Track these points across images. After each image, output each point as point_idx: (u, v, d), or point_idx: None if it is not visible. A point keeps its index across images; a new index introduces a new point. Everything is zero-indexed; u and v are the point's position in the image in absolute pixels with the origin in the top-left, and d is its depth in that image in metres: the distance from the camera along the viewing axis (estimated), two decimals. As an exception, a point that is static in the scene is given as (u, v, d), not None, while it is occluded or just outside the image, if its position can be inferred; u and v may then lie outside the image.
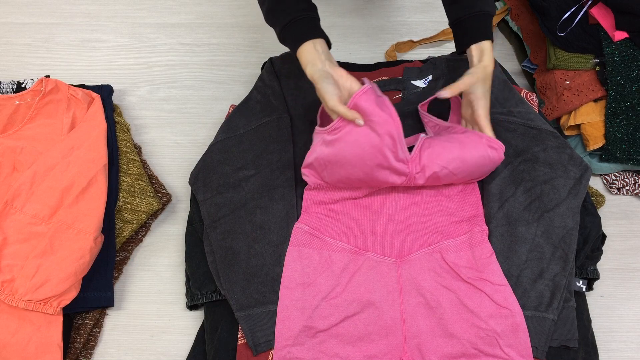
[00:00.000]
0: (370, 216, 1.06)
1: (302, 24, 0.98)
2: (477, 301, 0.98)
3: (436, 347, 0.97)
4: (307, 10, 1.00)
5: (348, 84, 0.96)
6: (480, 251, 1.01)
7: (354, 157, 0.97)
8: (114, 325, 1.13)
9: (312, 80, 0.97)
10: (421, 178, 1.02)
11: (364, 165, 0.97)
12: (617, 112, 1.18)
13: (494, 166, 1.04)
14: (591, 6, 1.24)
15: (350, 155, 0.97)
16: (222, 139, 1.15)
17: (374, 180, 1.01)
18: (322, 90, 0.96)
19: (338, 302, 1.00)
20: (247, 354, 0.98)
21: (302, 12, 0.98)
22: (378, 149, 0.96)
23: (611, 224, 1.20)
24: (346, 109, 0.95)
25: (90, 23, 1.49)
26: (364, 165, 0.97)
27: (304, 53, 0.97)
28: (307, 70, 0.97)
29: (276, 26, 1.01)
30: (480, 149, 1.00)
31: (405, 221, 1.06)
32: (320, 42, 0.98)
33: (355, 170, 0.98)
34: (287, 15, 0.98)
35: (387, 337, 0.98)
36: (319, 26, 1.00)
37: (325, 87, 0.95)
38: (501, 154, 1.02)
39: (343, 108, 0.95)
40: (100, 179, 1.12)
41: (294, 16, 0.98)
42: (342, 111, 0.95)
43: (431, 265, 1.01)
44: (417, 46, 1.44)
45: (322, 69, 0.96)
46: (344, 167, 0.98)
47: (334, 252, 1.03)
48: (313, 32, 0.98)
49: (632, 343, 1.10)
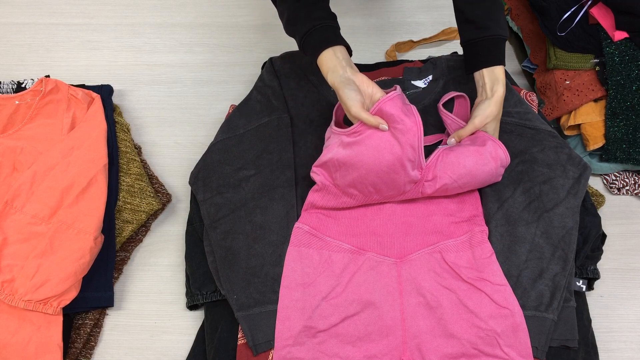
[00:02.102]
0: (370, 216, 1.06)
1: (322, 32, 0.99)
2: (477, 301, 0.98)
3: (436, 347, 0.97)
4: (327, 18, 1.00)
5: (370, 90, 0.96)
6: (480, 251, 1.01)
7: (372, 161, 0.96)
8: (114, 325, 1.13)
9: (333, 87, 0.97)
10: (430, 188, 1.02)
11: (379, 171, 0.97)
12: (617, 112, 1.18)
13: (495, 181, 1.05)
14: (591, 6, 1.24)
15: (369, 159, 0.96)
16: (222, 139, 1.15)
17: (386, 185, 1.00)
18: (345, 97, 0.95)
19: (338, 302, 1.00)
20: (247, 354, 0.98)
21: (321, 21, 0.99)
22: (397, 158, 0.96)
23: (611, 224, 1.20)
24: (369, 115, 0.95)
25: (90, 23, 1.49)
26: (379, 171, 0.97)
27: (325, 60, 0.98)
28: (328, 77, 0.98)
29: (296, 35, 1.01)
30: (492, 166, 1.01)
31: (405, 221, 1.06)
32: (340, 49, 0.98)
33: (369, 175, 0.98)
34: (307, 24, 0.99)
35: (387, 337, 0.98)
36: (339, 34, 1.01)
37: (348, 94, 0.95)
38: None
39: (366, 114, 0.95)
40: (100, 179, 1.12)
41: (314, 24, 0.99)
42: (365, 117, 0.95)
43: (431, 265, 1.01)
44: (417, 46, 1.44)
45: (343, 75, 0.96)
46: (359, 170, 0.98)
47: (334, 252, 1.03)
48: (333, 39, 0.99)
49: (632, 343, 1.10)
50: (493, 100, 1.02)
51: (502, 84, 1.02)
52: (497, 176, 1.04)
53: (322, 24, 0.99)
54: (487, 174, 1.02)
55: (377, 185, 1.00)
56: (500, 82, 1.02)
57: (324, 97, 1.18)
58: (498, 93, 1.02)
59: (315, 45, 0.99)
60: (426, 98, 1.18)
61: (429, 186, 1.02)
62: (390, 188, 1.01)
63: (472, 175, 1.01)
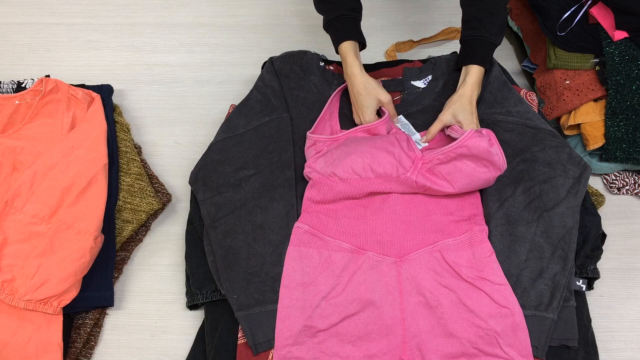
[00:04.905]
0: (370, 216, 1.06)
1: (346, 23, 1.12)
2: (477, 300, 0.98)
3: (436, 347, 0.97)
4: (353, 10, 1.12)
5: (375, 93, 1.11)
6: (480, 250, 1.01)
7: (367, 139, 1.07)
8: (114, 325, 1.13)
9: (350, 82, 1.12)
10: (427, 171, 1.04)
11: (372, 147, 1.04)
12: (617, 111, 1.18)
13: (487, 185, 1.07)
14: (591, 6, 1.24)
15: (364, 139, 1.07)
16: (222, 139, 1.15)
17: (378, 164, 1.03)
18: (363, 104, 1.11)
19: (338, 301, 1.00)
20: (247, 354, 0.98)
21: (347, 12, 1.12)
22: (389, 138, 1.07)
23: (611, 224, 1.20)
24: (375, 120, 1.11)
25: (90, 23, 1.49)
26: (373, 145, 1.05)
27: (345, 51, 1.12)
28: (347, 70, 1.12)
29: (324, 18, 1.15)
30: (489, 175, 1.03)
31: (405, 220, 1.06)
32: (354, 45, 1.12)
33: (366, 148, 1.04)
34: (335, 11, 1.12)
35: (387, 336, 0.98)
36: (358, 27, 1.14)
37: (367, 101, 1.11)
38: None
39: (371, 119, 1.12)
40: (100, 179, 1.12)
41: (340, 14, 1.11)
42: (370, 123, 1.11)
43: (431, 265, 1.01)
44: (417, 46, 1.44)
45: (363, 76, 1.10)
46: (358, 146, 1.05)
47: (334, 252, 1.03)
48: (352, 33, 1.12)
49: (632, 343, 1.10)
50: (457, 93, 1.09)
51: (471, 82, 1.09)
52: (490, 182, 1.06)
53: (347, 15, 1.12)
54: (484, 181, 1.04)
55: (375, 157, 1.03)
56: (468, 79, 1.09)
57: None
58: (463, 87, 1.09)
59: (336, 34, 1.13)
60: (426, 98, 1.18)
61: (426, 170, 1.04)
62: (387, 161, 1.03)
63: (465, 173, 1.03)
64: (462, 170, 1.02)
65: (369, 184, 1.05)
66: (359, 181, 1.05)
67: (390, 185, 1.05)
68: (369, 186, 1.05)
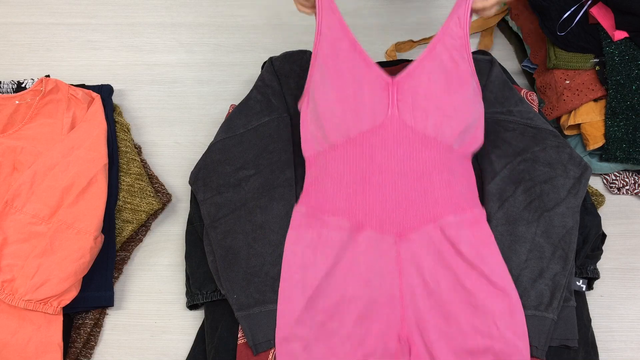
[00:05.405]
0: (369, 192, 1.04)
1: None
2: (475, 281, 0.98)
3: (434, 326, 0.97)
4: None
5: None
6: (480, 230, 1.01)
7: (332, 60, 1.01)
8: (114, 325, 1.13)
9: None
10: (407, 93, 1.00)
11: (344, 64, 1.00)
12: (617, 111, 1.18)
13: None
14: (591, 6, 1.24)
15: (330, 60, 1.02)
16: (222, 139, 1.15)
17: (359, 82, 1.00)
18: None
19: (338, 281, 1.00)
20: (247, 354, 0.99)
21: None
22: (350, 41, 1.00)
23: (611, 224, 1.20)
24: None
25: (90, 23, 1.49)
26: (345, 62, 1.00)
27: None
28: None
29: None
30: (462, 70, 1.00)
31: (406, 196, 1.03)
32: None
33: (342, 74, 1.00)
34: None
35: (387, 315, 0.98)
36: None
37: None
38: None
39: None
40: (100, 179, 1.12)
41: None
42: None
43: (432, 243, 1.01)
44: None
45: None
46: (330, 72, 1.02)
47: (333, 231, 1.02)
48: None
49: (632, 343, 1.10)
50: None
51: None
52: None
53: None
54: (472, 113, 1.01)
55: (353, 89, 0.99)
56: None
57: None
58: None
59: None
60: (426, 98, 1.18)
61: (406, 93, 1.00)
62: (364, 92, 0.99)
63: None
64: (434, 69, 0.99)
65: (362, 123, 1.02)
66: (345, 127, 1.02)
67: (383, 133, 1.02)
68: (361, 125, 1.02)
